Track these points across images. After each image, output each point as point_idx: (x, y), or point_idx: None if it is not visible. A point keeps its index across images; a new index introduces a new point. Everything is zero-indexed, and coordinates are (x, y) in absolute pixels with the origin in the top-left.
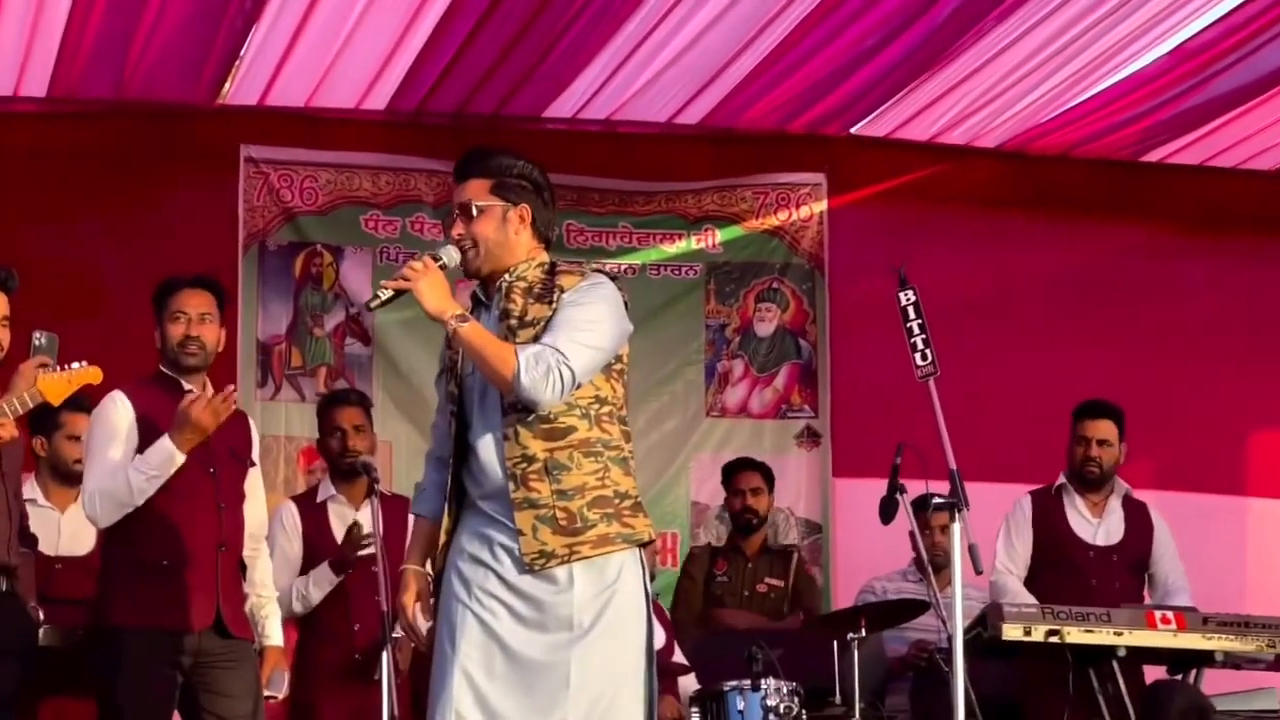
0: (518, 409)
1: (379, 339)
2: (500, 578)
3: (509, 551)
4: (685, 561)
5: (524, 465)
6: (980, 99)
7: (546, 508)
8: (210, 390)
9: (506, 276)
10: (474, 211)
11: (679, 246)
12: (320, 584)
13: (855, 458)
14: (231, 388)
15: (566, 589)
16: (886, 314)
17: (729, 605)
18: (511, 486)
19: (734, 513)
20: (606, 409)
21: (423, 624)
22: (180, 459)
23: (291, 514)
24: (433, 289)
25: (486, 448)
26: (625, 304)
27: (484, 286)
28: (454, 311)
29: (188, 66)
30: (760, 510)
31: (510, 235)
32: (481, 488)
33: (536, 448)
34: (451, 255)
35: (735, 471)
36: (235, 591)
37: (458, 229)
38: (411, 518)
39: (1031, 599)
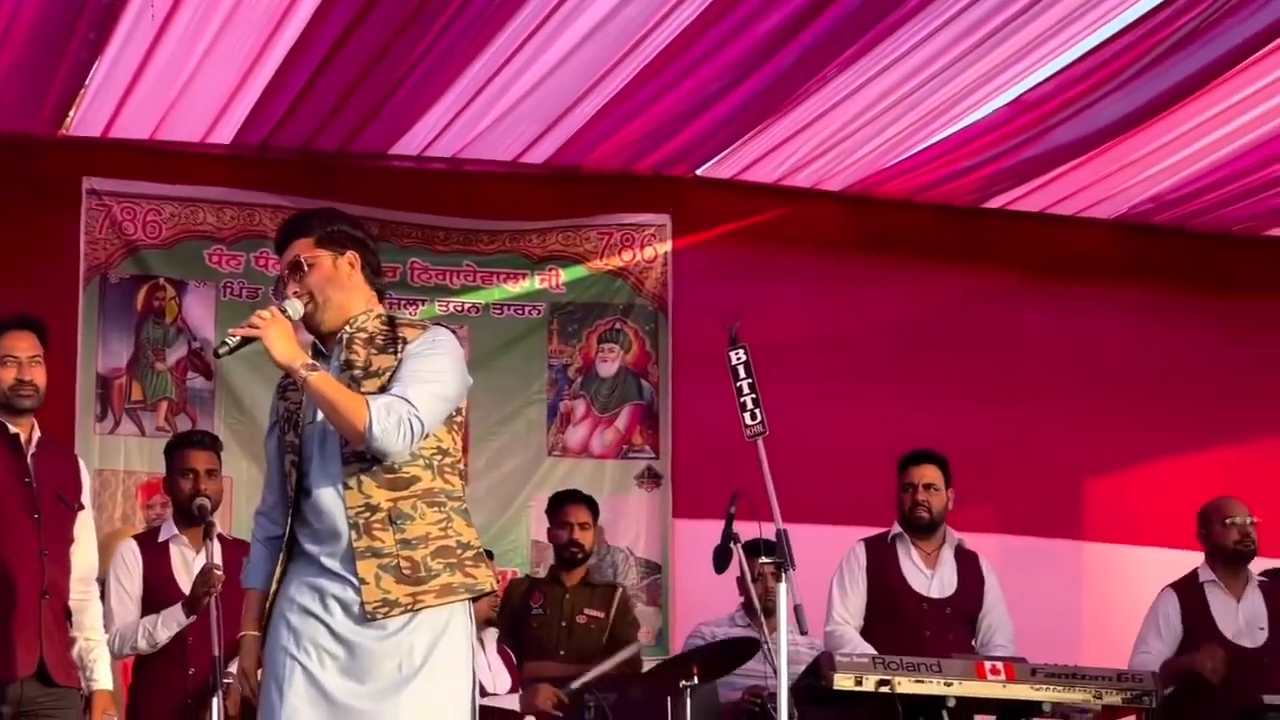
0: (361, 458)
1: (221, 374)
2: (330, 630)
3: (341, 602)
4: (505, 592)
5: (367, 514)
6: (825, 143)
7: (390, 557)
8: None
9: (347, 328)
10: (304, 267)
11: (522, 286)
12: (169, 624)
13: (695, 499)
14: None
15: (394, 634)
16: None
17: (545, 637)
18: (354, 535)
19: (559, 545)
20: (449, 460)
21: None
22: None
23: (133, 552)
24: (281, 338)
25: (327, 497)
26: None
27: (322, 339)
28: (303, 360)
29: (30, 96)
30: (586, 545)
31: (344, 282)
32: (318, 537)
33: (380, 497)
34: (296, 307)
35: (562, 504)
36: (59, 638)
37: (292, 288)
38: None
39: (869, 648)
